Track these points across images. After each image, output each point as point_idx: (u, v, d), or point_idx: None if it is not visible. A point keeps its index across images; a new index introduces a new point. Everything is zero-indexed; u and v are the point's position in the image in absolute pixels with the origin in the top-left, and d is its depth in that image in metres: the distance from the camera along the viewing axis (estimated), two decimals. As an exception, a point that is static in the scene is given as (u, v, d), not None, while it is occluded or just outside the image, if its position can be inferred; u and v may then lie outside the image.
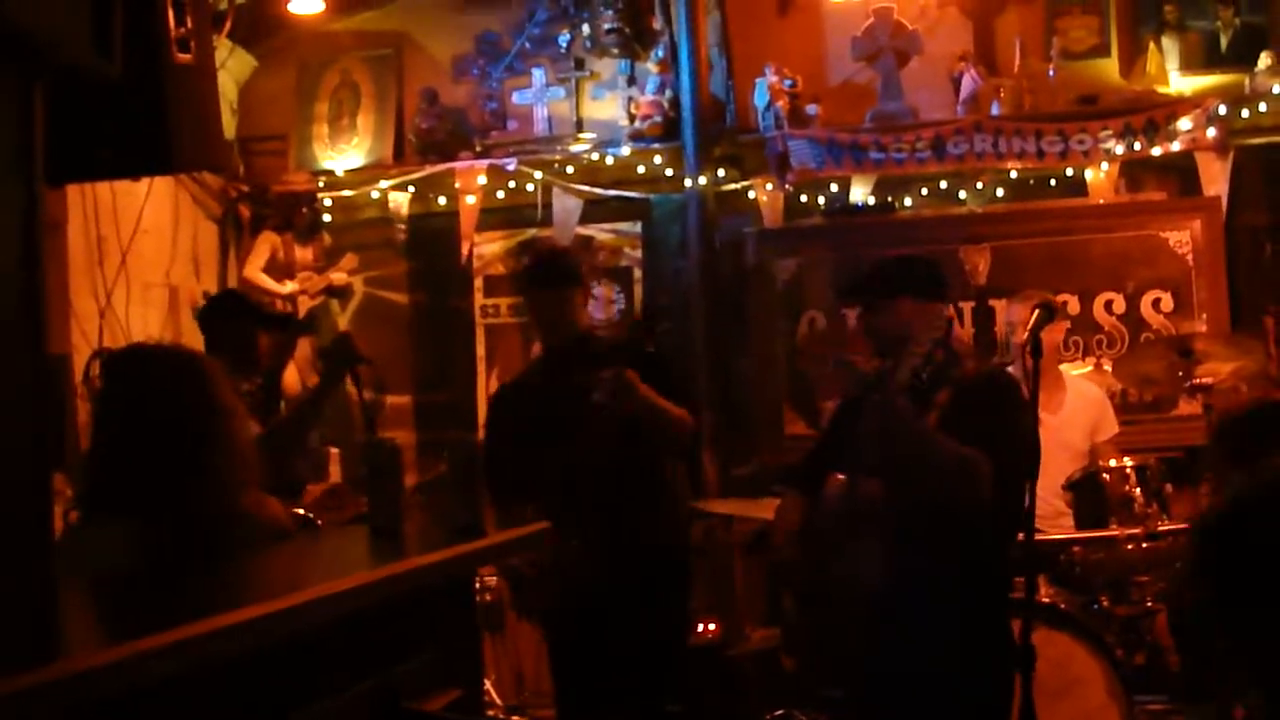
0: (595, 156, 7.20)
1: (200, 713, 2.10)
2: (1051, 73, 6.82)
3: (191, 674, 1.99)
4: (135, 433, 2.96)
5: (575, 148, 7.27)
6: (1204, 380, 4.83)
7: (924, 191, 7.00)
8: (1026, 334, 3.75)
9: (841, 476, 3.86)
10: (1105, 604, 5.06)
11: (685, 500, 4.93)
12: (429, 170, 7.31)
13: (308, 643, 2.35)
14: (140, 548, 2.77)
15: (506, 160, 7.22)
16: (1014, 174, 6.84)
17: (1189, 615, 5.39)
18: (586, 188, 7.18)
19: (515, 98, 7.51)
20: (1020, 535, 3.89)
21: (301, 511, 4.64)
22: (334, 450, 6.89)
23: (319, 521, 4.64)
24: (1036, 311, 3.78)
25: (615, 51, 7.25)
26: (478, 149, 7.36)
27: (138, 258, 6.52)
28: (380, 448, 3.22)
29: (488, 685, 5.99)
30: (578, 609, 4.34)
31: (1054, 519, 5.28)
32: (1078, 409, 5.77)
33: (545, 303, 4.62)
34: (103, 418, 3.11)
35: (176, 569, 2.73)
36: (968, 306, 6.66)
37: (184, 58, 4.32)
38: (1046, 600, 4.76)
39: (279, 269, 7.12)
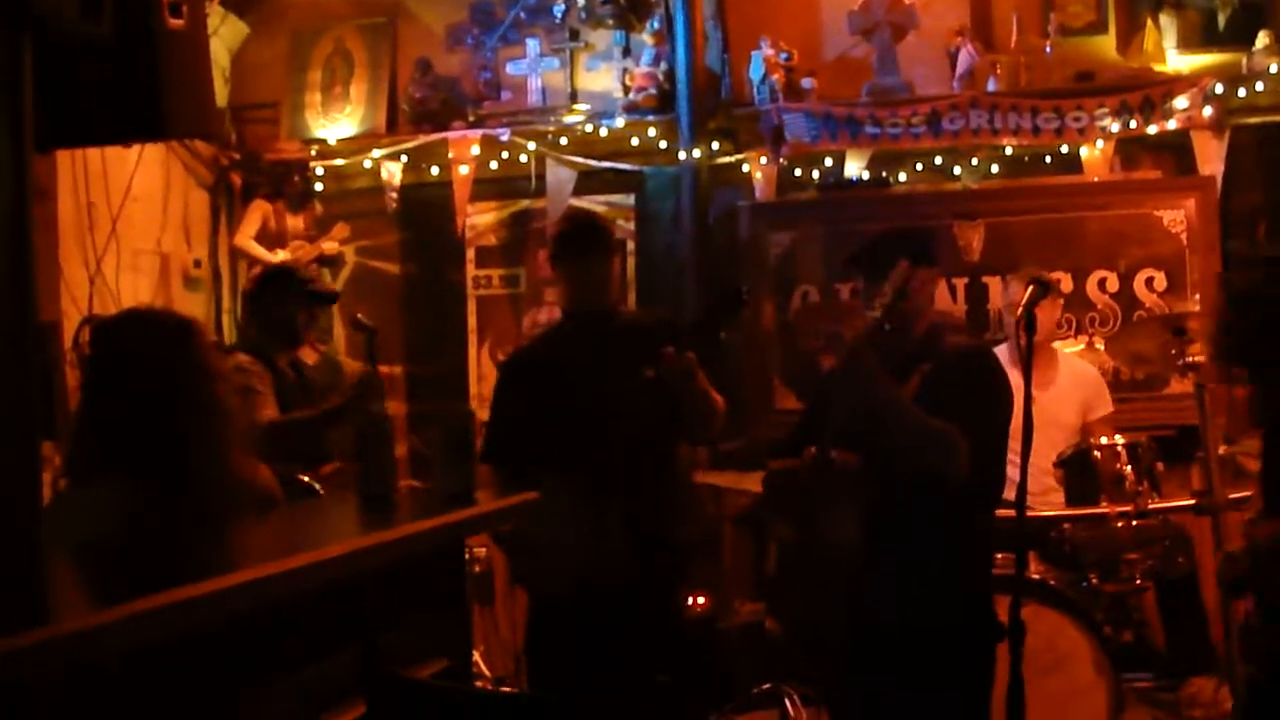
0: (589, 128, 7.17)
1: (189, 676, 2.10)
2: (1048, 49, 6.81)
3: (180, 638, 1.99)
4: (119, 398, 2.95)
5: (569, 119, 7.25)
6: (1196, 359, 4.81)
7: (919, 167, 6.98)
8: (1020, 310, 3.73)
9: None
10: (1094, 581, 5.06)
11: (693, 479, 4.88)
12: (422, 140, 7.28)
13: (296, 609, 2.35)
14: (125, 513, 2.76)
15: (500, 130, 7.19)
16: (1009, 150, 6.83)
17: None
18: (580, 159, 7.16)
19: (509, 68, 7.47)
20: (1003, 512, 3.90)
21: (306, 479, 4.64)
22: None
23: (320, 490, 4.64)
24: (1031, 287, 3.76)
25: (610, 22, 7.21)
26: (471, 119, 7.33)
27: (128, 225, 6.49)
28: (370, 417, 3.22)
29: (476, 657, 5.99)
30: (575, 579, 4.29)
31: (1044, 495, 5.28)
32: (1070, 386, 5.77)
33: (579, 272, 4.52)
34: (88, 383, 3.10)
35: (163, 534, 2.72)
36: (961, 283, 6.65)
37: (176, 23, 4.29)
38: (1036, 577, 4.76)
39: (270, 238, 7.11)
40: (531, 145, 7.17)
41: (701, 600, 6.04)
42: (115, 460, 2.89)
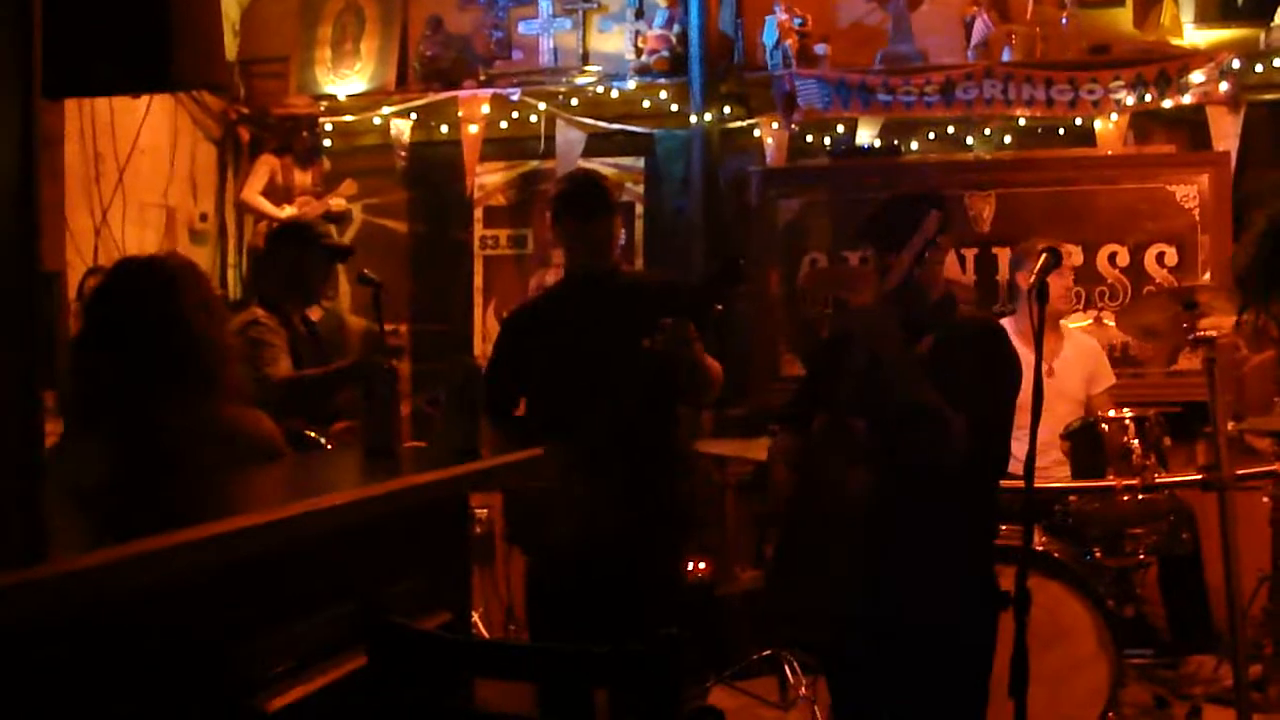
0: (600, 89, 7.13)
1: (182, 623, 2.08)
2: (1064, 20, 6.75)
3: (170, 585, 1.97)
4: (107, 345, 2.93)
5: (580, 80, 7.20)
6: (1207, 333, 4.78)
7: (931, 136, 6.94)
8: (1033, 278, 3.70)
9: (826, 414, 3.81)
10: (1097, 555, 5.05)
11: (690, 445, 4.87)
12: (432, 98, 7.24)
13: (295, 558, 2.33)
14: (115, 460, 2.75)
15: (510, 90, 7.15)
16: (1022, 121, 6.79)
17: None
18: (590, 121, 7.12)
19: (521, 27, 7.43)
20: (1009, 483, 3.88)
21: (313, 434, 4.62)
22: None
23: (327, 445, 4.62)
24: (1044, 256, 3.73)
25: (624, -16, 7.17)
26: (482, 78, 7.28)
27: (135, 176, 6.47)
28: (375, 369, 3.19)
29: (475, 618, 5.99)
30: (566, 540, 4.27)
31: (1049, 469, 5.26)
32: (1074, 359, 5.76)
33: (580, 232, 4.48)
34: (81, 331, 3.09)
35: (153, 482, 2.71)
36: (970, 254, 6.62)
37: (187, -27, 4.27)
38: (1040, 549, 4.74)
39: (277, 193, 7.07)
40: (542, 106, 7.13)
41: (702, 566, 6.04)
42: (103, 412, 2.88)
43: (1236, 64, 6.44)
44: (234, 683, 2.20)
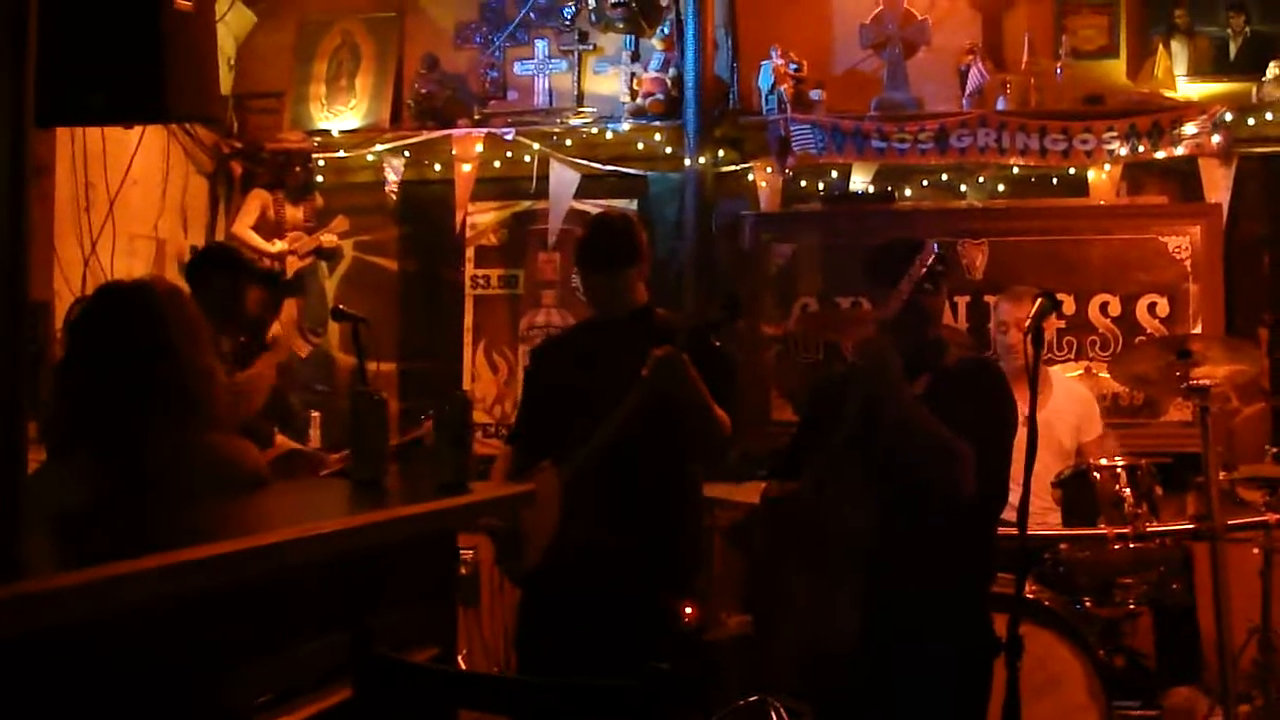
0: (595, 131, 7.14)
1: (165, 649, 2.05)
2: (1059, 71, 6.78)
3: (154, 609, 1.94)
4: (91, 368, 2.90)
5: (575, 121, 7.20)
6: (1200, 382, 4.77)
7: (924, 183, 6.96)
8: (1029, 322, 3.69)
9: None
10: (1088, 604, 5.01)
11: (699, 493, 4.76)
12: (426, 136, 7.23)
13: (280, 588, 2.30)
14: (98, 484, 2.71)
15: (505, 130, 7.15)
16: (1016, 170, 6.80)
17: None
18: (584, 162, 7.11)
19: (517, 68, 7.45)
20: (1002, 530, 3.85)
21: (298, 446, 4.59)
22: (315, 414, 6.82)
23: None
24: (1039, 300, 3.71)
25: (620, 26, 7.17)
26: (476, 117, 7.28)
27: (125, 208, 6.43)
28: (365, 399, 3.16)
29: (459, 660, 5.92)
30: (550, 569, 4.21)
31: (1040, 516, 5.22)
32: (1063, 406, 5.73)
33: (599, 283, 4.44)
34: (65, 354, 3.06)
35: (134, 506, 2.67)
36: (963, 301, 6.60)
37: (184, 5, 4.26)
38: (1030, 596, 4.70)
39: (269, 228, 7.04)
40: (536, 146, 7.13)
41: (689, 610, 5.98)
42: (85, 436, 2.85)
43: (1229, 117, 6.47)
44: (216, 712, 2.16)
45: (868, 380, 3.59)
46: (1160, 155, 6.54)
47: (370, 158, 7.31)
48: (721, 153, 7.01)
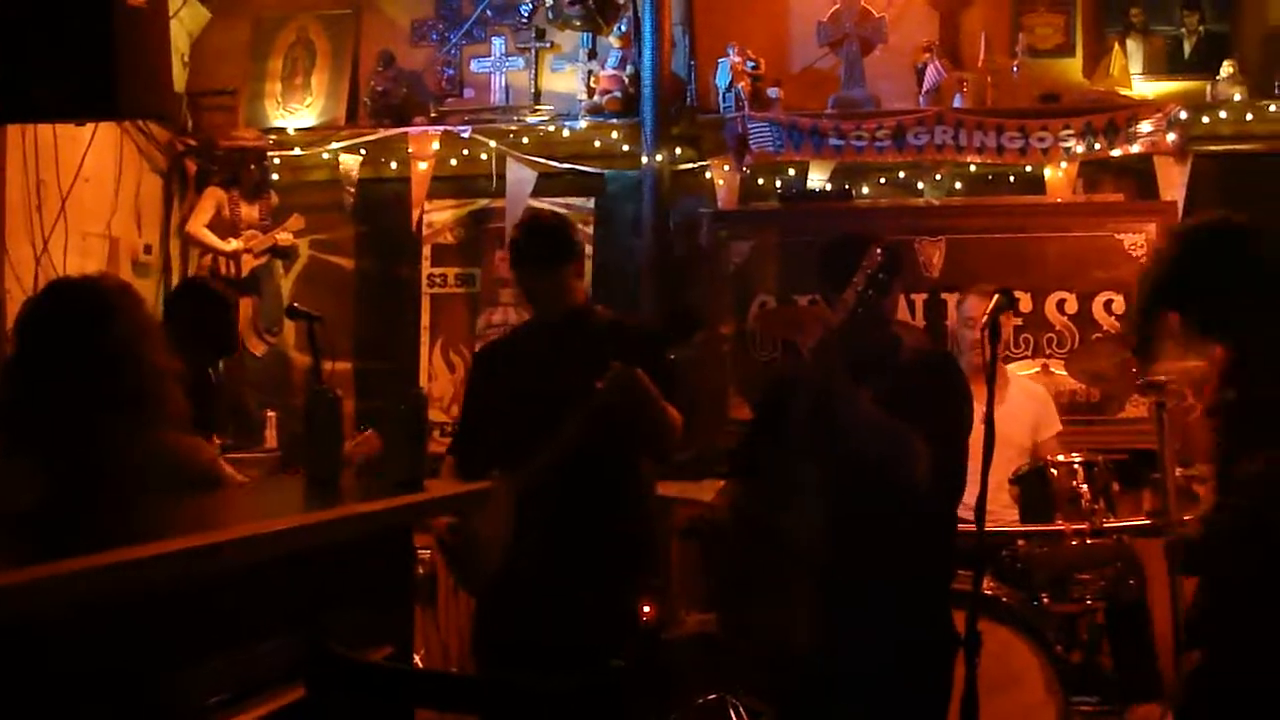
0: (551, 129, 7.12)
1: (114, 649, 2.01)
2: (1015, 69, 6.81)
3: (103, 608, 1.91)
4: (40, 366, 2.86)
5: (532, 119, 7.19)
6: (1157, 378, 4.78)
7: (882, 180, 6.97)
8: (985, 319, 3.69)
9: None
10: (1045, 601, 5.02)
11: (652, 490, 4.75)
12: (382, 134, 7.20)
13: (232, 586, 2.26)
14: (47, 482, 2.67)
15: (461, 128, 7.12)
16: (973, 168, 6.83)
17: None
18: (541, 160, 7.09)
19: (473, 65, 7.42)
20: (960, 527, 3.85)
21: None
22: (270, 414, 6.77)
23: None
24: (996, 297, 3.72)
25: (577, 24, 7.15)
26: (432, 115, 7.26)
27: (78, 206, 6.36)
28: (321, 397, 3.13)
29: (416, 659, 5.89)
30: (520, 583, 4.18)
31: (997, 513, 5.22)
32: (1020, 403, 5.74)
33: (535, 279, 4.38)
34: (14, 352, 3.01)
35: (83, 504, 2.63)
36: (920, 299, 6.61)
37: (137, 2, 4.21)
38: (988, 593, 4.70)
39: (223, 226, 6.99)
40: (493, 144, 7.10)
41: (647, 610, 5.96)
42: (35, 434, 2.80)
43: (1184, 115, 6.51)
44: (169, 712, 2.13)
45: (815, 381, 3.57)
46: (1116, 153, 6.57)
47: (326, 156, 7.26)
48: (679, 151, 7.00)
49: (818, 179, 6.89)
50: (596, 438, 4.05)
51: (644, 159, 6.89)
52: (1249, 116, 6.60)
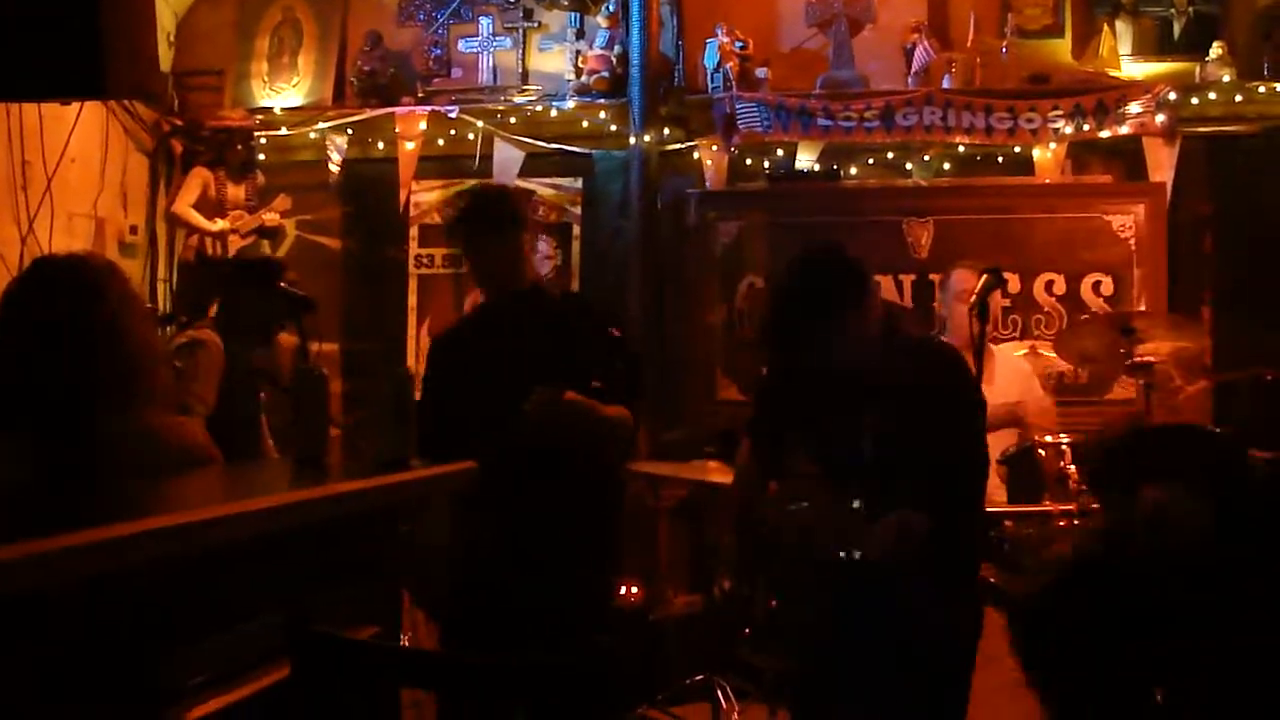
0: (539, 109, 7.10)
1: (99, 627, 2.00)
2: (1004, 50, 6.80)
3: (87, 587, 1.89)
4: (25, 346, 2.84)
5: (519, 99, 7.16)
6: (1144, 359, 4.79)
7: (870, 161, 6.97)
8: (974, 298, 3.68)
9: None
10: (1032, 581, 5.02)
11: (617, 478, 4.63)
12: (369, 114, 7.17)
13: (218, 565, 2.25)
14: (32, 461, 2.65)
15: (448, 108, 7.09)
16: (961, 149, 6.82)
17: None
18: (529, 140, 7.07)
19: (461, 45, 7.40)
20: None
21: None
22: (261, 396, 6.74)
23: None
24: (985, 276, 3.71)
25: (565, 3, 7.16)
26: (420, 95, 7.23)
27: (63, 186, 6.32)
28: (307, 376, 3.11)
29: (403, 641, 5.88)
30: (483, 582, 4.08)
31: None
32: (1006, 381, 5.73)
33: (482, 249, 4.20)
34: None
35: (69, 483, 2.62)
36: (908, 279, 6.61)
37: (121, -20, 4.18)
38: (976, 574, 4.70)
39: (210, 206, 6.95)
40: (480, 124, 7.07)
41: (634, 591, 5.97)
42: (22, 413, 2.78)
43: (1173, 96, 6.51)
44: (153, 691, 2.12)
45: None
46: (1105, 134, 6.57)
47: (312, 136, 7.23)
48: (667, 131, 6.99)
49: (806, 159, 6.88)
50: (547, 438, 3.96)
51: (632, 139, 6.88)
52: (1238, 98, 6.60)
